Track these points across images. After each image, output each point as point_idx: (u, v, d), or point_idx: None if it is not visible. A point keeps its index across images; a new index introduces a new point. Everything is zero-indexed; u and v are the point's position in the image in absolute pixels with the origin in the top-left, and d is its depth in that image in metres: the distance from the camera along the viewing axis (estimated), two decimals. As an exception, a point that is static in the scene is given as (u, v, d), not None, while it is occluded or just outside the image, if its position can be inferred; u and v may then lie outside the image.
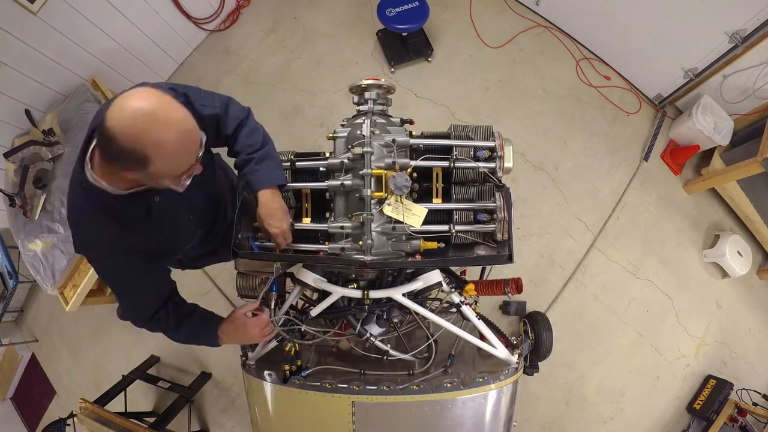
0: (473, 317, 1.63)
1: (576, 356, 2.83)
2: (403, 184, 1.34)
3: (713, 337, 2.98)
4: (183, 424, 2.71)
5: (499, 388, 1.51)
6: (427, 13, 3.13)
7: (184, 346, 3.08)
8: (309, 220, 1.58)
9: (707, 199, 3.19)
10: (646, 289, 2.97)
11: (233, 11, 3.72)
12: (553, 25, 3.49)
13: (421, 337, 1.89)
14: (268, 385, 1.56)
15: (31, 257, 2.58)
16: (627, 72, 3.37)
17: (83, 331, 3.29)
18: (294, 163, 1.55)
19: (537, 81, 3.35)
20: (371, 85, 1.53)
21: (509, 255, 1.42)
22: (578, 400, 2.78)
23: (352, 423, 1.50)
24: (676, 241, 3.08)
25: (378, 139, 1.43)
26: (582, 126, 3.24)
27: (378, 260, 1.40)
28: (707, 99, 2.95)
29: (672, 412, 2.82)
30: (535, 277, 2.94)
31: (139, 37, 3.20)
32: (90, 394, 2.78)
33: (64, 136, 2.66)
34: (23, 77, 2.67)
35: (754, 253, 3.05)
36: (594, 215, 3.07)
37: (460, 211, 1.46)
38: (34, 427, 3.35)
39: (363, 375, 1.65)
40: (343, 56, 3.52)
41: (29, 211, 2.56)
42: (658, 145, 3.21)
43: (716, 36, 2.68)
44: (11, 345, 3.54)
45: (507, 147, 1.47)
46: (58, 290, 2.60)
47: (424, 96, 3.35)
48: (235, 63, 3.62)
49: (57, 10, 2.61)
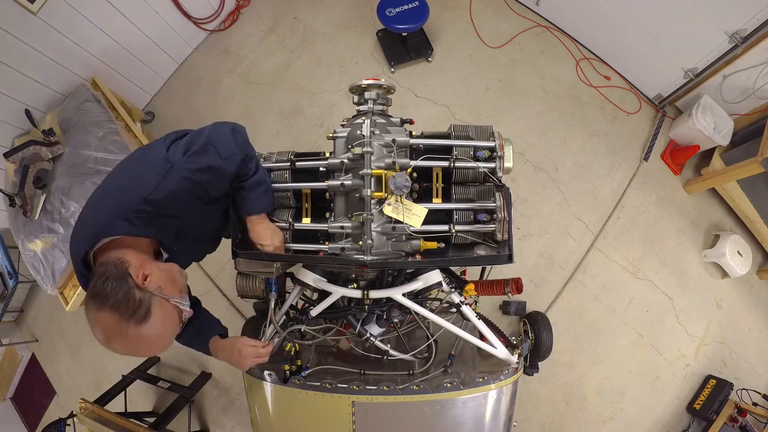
0: (473, 317, 1.64)
1: (576, 356, 2.83)
2: (403, 184, 1.34)
3: (713, 337, 2.98)
4: (183, 424, 2.71)
5: (499, 388, 1.51)
6: (427, 13, 3.13)
7: (183, 346, 3.09)
8: (309, 220, 1.58)
9: (707, 199, 3.19)
10: (646, 289, 2.97)
11: (233, 11, 3.72)
12: (553, 25, 3.49)
13: (421, 337, 1.89)
14: (268, 385, 1.56)
15: (31, 257, 2.58)
16: (627, 72, 3.37)
17: (83, 331, 3.29)
18: (294, 163, 1.55)
19: (537, 81, 3.34)
20: (371, 85, 1.53)
21: (509, 255, 1.42)
22: (578, 400, 2.78)
23: (352, 423, 1.50)
24: (676, 241, 3.08)
25: (378, 139, 1.43)
26: (582, 126, 3.24)
27: (378, 260, 1.40)
28: (707, 99, 2.95)
29: (672, 412, 2.82)
30: (535, 277, 2.94)
31: (139, 37, 3.20)
32: (90, 394, 2.78)
33: (64, 136, 2.66)
34: (23, 77, 2.67)
35: (754, 253, 3.05)
36: (594, 215, 3.07)
37: (460, 211, 1.46)
38: (34, 427, 3.35)
39: (363, 375, 1.65)
40: (343, 56, 3.52)
41: (29, 211, 2.56)
42: (658, 145, 3.21)
43: (716, 36, 2.68)
44: (11, 345, 3.55)
45: (507, 147, 1.47)
46: (58, 290, 2.60)
47: (424, 96, 3.35)
48: (235, 63, 3.62)
49: (57, 10, 2.62)
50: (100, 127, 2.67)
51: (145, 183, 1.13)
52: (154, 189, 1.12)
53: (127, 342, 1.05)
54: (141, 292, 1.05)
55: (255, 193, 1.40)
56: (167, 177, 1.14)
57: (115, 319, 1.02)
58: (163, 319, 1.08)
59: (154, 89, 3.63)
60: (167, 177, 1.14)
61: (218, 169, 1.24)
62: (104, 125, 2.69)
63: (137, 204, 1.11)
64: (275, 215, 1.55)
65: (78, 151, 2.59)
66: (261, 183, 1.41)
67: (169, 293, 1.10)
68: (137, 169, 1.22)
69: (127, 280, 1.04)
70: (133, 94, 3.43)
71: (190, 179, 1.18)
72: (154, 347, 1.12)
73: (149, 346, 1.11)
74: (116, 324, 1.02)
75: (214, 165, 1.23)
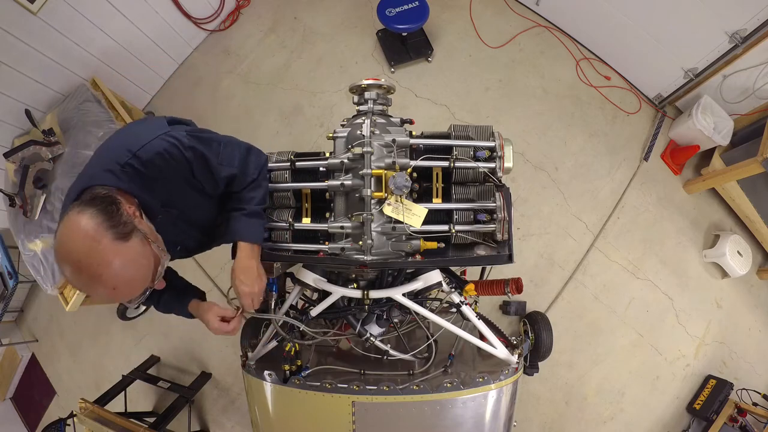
0: (473, 317, 1.63)
1: (576, 356, 2.83)
2: (403, 184, 1.34)
3: (713, 337, 2.98)
4: (183, 424, 2.71)
5: (499, 388, 1.51)
6: (427, 13, 3.13)
7: (184, 346, 3.09)
8: (309, 220, 1.57)
9: (707, 199, 3.19)
10: (646, 289, 2.97)
11: (233, 11, 3.72)
12: (553, 25, 3.49)
13: (421, 337, 1.89)
14: (268, 385, 1.56)
15: (31, 257, 2.58)
16: (627, 72, 3.37)
17: (83, 331, 3.30)
18: (294, 163, 1.55)
19: (537, 81, 3.35)
20: (371, 85, 1.53)
21: (509, 255, 1.42)
22: (578, 400, 2.78)
23: (352, 423, 1.50)
24: (676, 241, 3.08)
25: (378, 139, 1.43)
26: (582, 126, 3.24)
27: (378, 260, 1.40)
28: (707, 99, 2.95)
29: (672, 412, 2.82)
30: (535, 277, 2.94)
31: (139, 37, 3.20)
32: (90, 394, 2.78)
33: (64, 136, 2.66)
34: (23, 77, 2.67)
35: (754, 253, 3.05)
36: (594, 215, 3.07)
37: (460, 211, 1.46)
38: (34, 427, 3.35)
39: (363, 375, 1.65)
40: (343, 56, 3.52)
41: (29, 211, 2.56)
42: (658, 145, 3.21)
43: (716, 36, 2.68)
44: (11, 345, 3.55)
45: (507, 147, 1.47)
46: (58, 290, 2.59)
47: (424, 96, 3.35)
48: (235, 63, 3.62)
49: (57, 10, 2.62)
50: (100, 127, 2.67)
51: (137, 140, 1.12)
52: (144, 146, 1.10)
53: (94, 255, 0.94)
54: (128, 217, 1.01)
55: (256, 221, 1.37)
56: (159, 139, 1.13)
57: (95, 222, 0.95)
58: (140, 252, 1.01)
59: (154, 89, 3.63)
60: (159, 139, 1.13)
61: (209, 163, 1.24)
62: (104, 125, 2.69)
63: (124, 158, 1.09)
64: (275, 215, 1.55)
65: (78, 151, 2.59)
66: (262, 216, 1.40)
67: (153, 240, 1.07)
68: (135, 129, 1.22)
69: (117, 203, 1.01)
70: (133, 94, 3.43)
71: (179, 150, 1.15)
72: (119, 279, 0.98)
73: (114, 275, 0.97)
74: (93, 229, 0.94)
75: (208, 157, 1.23)
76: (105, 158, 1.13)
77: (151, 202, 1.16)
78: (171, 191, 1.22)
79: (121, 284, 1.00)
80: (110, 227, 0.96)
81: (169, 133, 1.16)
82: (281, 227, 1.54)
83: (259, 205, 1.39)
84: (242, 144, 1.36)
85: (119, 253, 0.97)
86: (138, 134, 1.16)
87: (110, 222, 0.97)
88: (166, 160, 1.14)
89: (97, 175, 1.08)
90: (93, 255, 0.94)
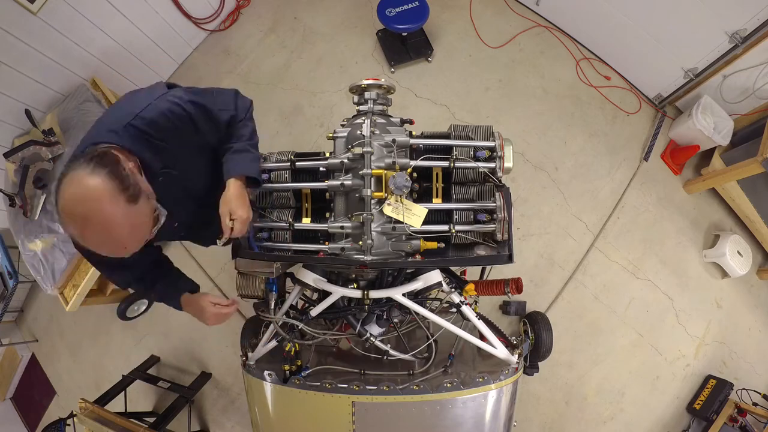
0: (473, 317, 1.64)
1: (576, 356, 2.83)
2: (403, 184, 1.34)
3: (713, 337, 2.98)
4: (183, 424, 2.71)
5: (499, 388, 1.51)
6: (427, 13, 3.13)
7: (184, 346, 3.09)
8: (309, 220, 1.57)
9: (707, 199, 3.19)
10: (646, 289, 2.97)
11: (233, 11, 3.72)
12: (553, 25, 3.49)
13: (421, 337, 1.89)
14: (268, 385, 1.56)
15: (31, 257, 2.58)
16: (627, 72, 3.37)
17: (83, 331, 3.29)
18: (294, 163, 1.55)
19: (537, 81, 3.34)
20: (371, 85, 1.53)
21: (509, 255, 1.42)
22: (578, 400, 2.78)
23: (352, 423, 1.50)
24: (676, 241, 3.08)
25: (378, 139, 1.43)
26: (582, 126, 3.24)
27: (378, 260, 1.40)
28: (707, 99, 2.95)
29: (672, 412, 2.82)
30: (535, 277, 2.94)
31: (139, 37, 3.20)
32: (90, 394, 2.78)
33: (64, 136, 2.66)
34: (23, 77, 2.67)
35: (754, 253, 3.05)
36: (594, 215, 3.07)
37: (460, 211, 1.46)
38: (34, 427, 3.35)
39: (363, 375, 1.65)
40: (343, 56, 3.52)
41: (29, 211, 2.56)
42: (658, 145, 3.21)
43: (716, 36, 2.68)
44: (11, 345, 3.54)
45: (507, 147, 1.47)
46: (58, 290, 2.60)
47: (424, 96, 3.35)
48: (235, 63, 3.62)
49: (57, 10, 2.62)
50: (100, 127, 2.67)
51: (139, 102, 1.18)
52: (146, 107, 1.15)
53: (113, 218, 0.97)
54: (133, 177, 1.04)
55: (242, 156, 1.39)
56: (160, 99, 1.19)
57: (111, 186, 0.96)
58: (147, 210, 1.06)
59: (154, 89, 3.63)
60: (160, 99, 1.19)
61: (210, 111, 1.30)
62: (104, 125, 2.68)
63: (127, 118, 1.13)
64: (275, 215, 1.55)
65: (78, 151, 2.59)
66: (249, 150, 1.41)
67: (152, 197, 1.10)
68: (136, 94, 1.26)
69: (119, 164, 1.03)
70: (133, 94, 3.42)
71: (181, 106, 1.21)
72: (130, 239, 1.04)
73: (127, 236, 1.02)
74: (109, 193, 0.95)
75: (207, 106, 1.29)
76: (107, 121, 1.17)
77: (152, 162, 1.19)
78: (174, 152, 1.26)
79: (130, 244, 1.06)
80: (123, 190, 1.00)
81: (169, 92, 1.22)
82: (281, 227, 1.54)
83: (249, 141, 1.42)
84: (229, 89, 1.43)
85: (131, 215, 1.01)
86: (140, 97, 1.21)
87: (123, 185, 1.00)
88: (169, 119, 1.19)
89: (99, 135, 1.13)
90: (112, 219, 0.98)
